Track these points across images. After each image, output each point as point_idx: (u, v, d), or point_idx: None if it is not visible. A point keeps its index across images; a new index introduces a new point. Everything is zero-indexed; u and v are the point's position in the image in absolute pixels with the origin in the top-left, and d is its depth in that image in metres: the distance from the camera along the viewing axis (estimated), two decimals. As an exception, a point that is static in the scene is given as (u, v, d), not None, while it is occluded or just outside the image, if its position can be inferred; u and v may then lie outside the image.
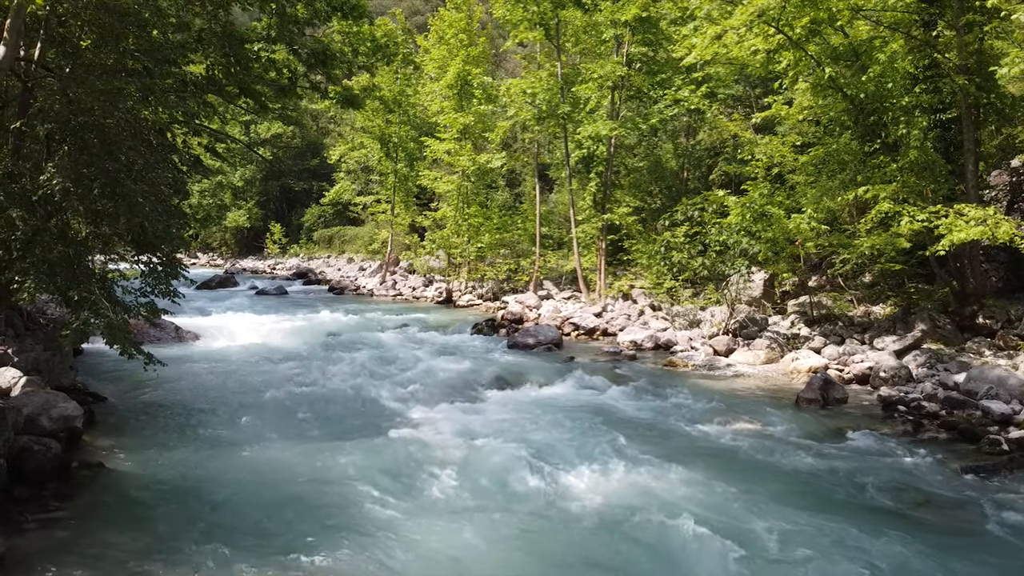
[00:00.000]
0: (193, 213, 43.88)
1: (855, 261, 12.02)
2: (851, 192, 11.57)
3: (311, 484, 6.06)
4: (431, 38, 23.08)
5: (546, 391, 9.49)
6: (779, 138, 15.46)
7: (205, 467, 6.42)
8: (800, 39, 10.53)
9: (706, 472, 6.46)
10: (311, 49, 10.28)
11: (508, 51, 27.36)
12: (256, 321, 15.16)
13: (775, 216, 11.80)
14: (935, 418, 8.37)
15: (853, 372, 10.24)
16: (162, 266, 8.42)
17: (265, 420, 7.85)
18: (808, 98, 12.32)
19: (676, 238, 14.59)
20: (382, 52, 12.16)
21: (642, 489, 6.07)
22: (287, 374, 9.85)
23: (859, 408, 9.05)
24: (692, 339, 13.00)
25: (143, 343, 12.68)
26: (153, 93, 8.65)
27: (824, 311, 13.13)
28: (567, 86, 17.67)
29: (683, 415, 8.40)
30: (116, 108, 7.03)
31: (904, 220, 9.91)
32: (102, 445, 6.92)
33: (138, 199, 7.16)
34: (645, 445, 7.23)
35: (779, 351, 11.63)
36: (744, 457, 7.08)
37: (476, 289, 21.94)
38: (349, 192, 37.72)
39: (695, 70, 16.07)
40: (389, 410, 8.39)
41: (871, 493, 6.26)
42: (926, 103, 11.78)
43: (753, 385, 10.24)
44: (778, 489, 6.19)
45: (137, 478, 6.15)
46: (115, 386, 9.14)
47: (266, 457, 6.71)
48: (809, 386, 9.12)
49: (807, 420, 8.34)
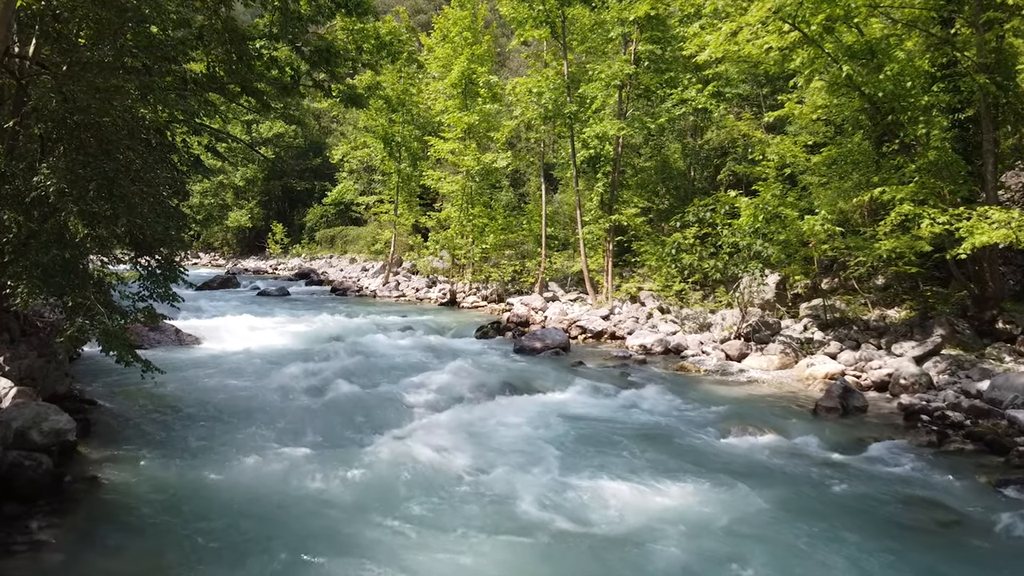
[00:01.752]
0: (195, 213, 43.69)
1: (870, 264, 11.74)
2: (866, 194, 11.30)
3: (315, 501, 5.80)
4: (435, 36, 22.81)
5: (556, 398, 9.22)
6: (791, 138, 15.18)
7: (203, 481, 6.16)
8: (816, 36, 10.25)
9: (728, 487, 6.19)
10: (314, 46, 10.01)
11: (512, 50, 27.12)
12: (257, 323, 14.92)
13: (789, 218, 11.51)
14: (960, 428, 8.09)
15: (871, 379, 9.96)
16: (161, 269, 8.17)
17: (266, 429, 7.59)
18: (823, 97, 12.04)
19: (686, 239, 14.29)
20: (386, 50, 11.89)
21: (663, 506, 5.80)
22: (288, 380, 9.59)
23: (880, 417, 8.76)
24: (703, 343, 12.72)
25: (143, 347, 12.51)
26: (152, 91, 8.41)
27: (838, 315, 12.84)
28: (574, 85, 17.39)
29: (698, 424, 8.13)
30: (113, 106, 6.76)
31: (925, 222, 9.63)
32: (98, 456, 6.66)
33: (136, 200, 6.91)
34: (662, 457, 6.96)
35: (793, 356, 11.35)
36: (765, 470, 6.80)
37: (480, 290, 21.68)
38: (352, 192, 37.47)
39: (703, 68, 15.79)
40: (394, 419, 8.12)
41: (901, 510, 5.99)
42: (943, 103, 11.50)
43: (768, 392, 9.97)
44: (805, 506, 5.92)
45: (132, 492, 5.89)
46: (113, 392, 8.89)
47: (266, 469, 6.45)
48: (828, 394, 8.84)
49: (827, 430, 8.06)
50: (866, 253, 10.94)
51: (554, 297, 19.32)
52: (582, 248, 17.94)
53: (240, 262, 40.68)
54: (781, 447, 7.51)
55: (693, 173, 21.18)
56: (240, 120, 38.95)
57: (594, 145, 17.35)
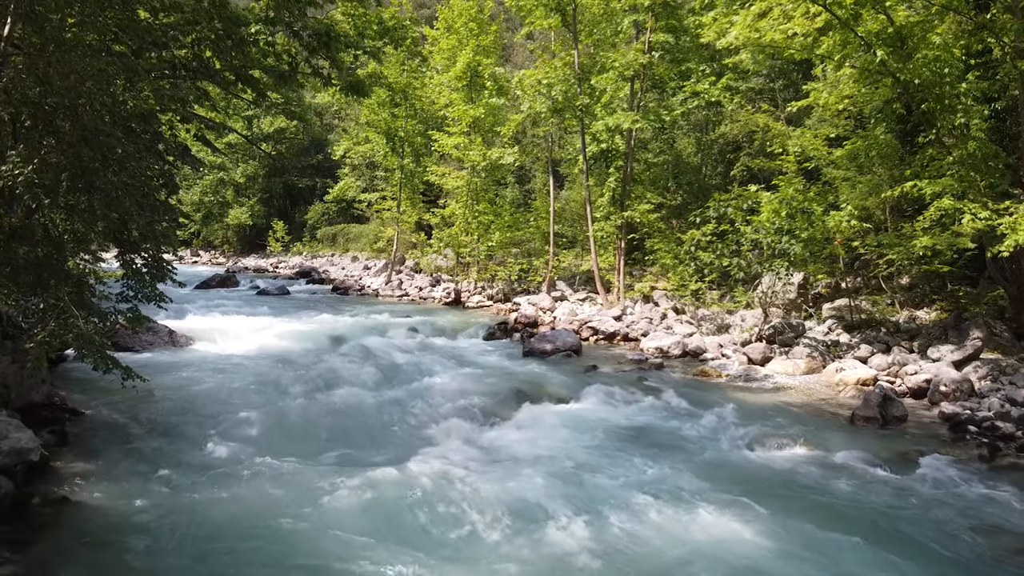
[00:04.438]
0: (195, 210, 43.12)
1: (901, 262, 11.08)
2: (897, 188, 10.64)
3: (309, 526, 5.18)
4: (439, 27, 22.14)
5: (572, 407, 8.59)
6: (811, 131, 14.52)
7: (187, 503, 5.55)
8: (848, 19, 9.60)
9: (770, 510, 5.57)
10: (312, 30, 9.40)
11: (517, 45, 26.48)
12: (255, 324, 14.30)
13: (816, 213, 10.87)
14: (1011, 440, 7.47)
15: (907, 385, 9.32)
16: (146, 268, 7.57)
17: (259, 442, 6.99)
18: (850, 86, 11.38)
19: (704, 236, 13.63)
20: (389, 35, 11.29)
21: (700, 533, 5.18)
22: (284, 387, 8.98)
23: (921, 428, 8.13)
24: (722, 346, 12.08)
25: (135, 349, 11.91)
26: (137, 74, 7.79)
27: (863, 316, 12.19)
28: (584, 76, 16.72)
29: (729, 436, 7.50)
30: (90, 88, 6.14)
31: (966, 218, 8.98)
32: (72, 472, 6.06)
33: (117, 193, 6.30)
34: (692, 475, 6.34)
35: (820, 360, 10.71)
36: (807, 490, 6.18)
37: (486, 289, 21.05)
38: (354, 189, 36.84)
39: (720, 58, 15.13)
40: (396, 432, 7.52)
41: (962, 536, 5.37)
42: (978, 91, 10.85)
43: (797, 399, 9.33)
44: (855, 531, 5.29)
45: (107, 516, 5.29)
46: (97, 398, 8.26)
47: (257, 489, 5.83)
48: (866, 402, 8.20)
49: (868, 442, 7.42)
50: (898, 252, 10.28)
51: (562, 297, 18.69)
52: (592, 246, 17.28)
53: (240, 260, 40.07)
54: (820, 462, 6.89)
55: (706, 169, 20.52)
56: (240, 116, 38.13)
57: (605, 139, 16.70)
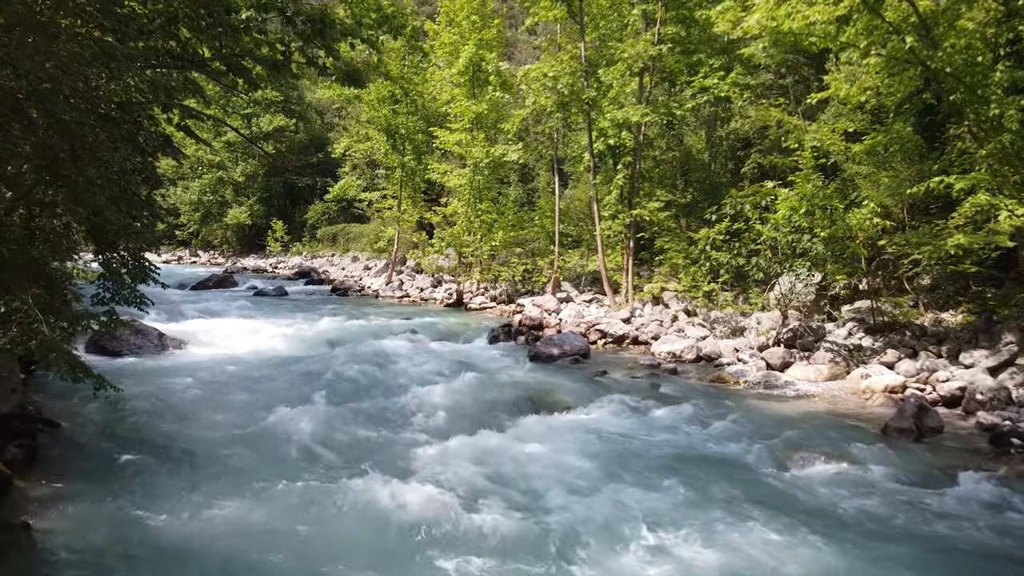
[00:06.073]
0: (193, 209, 42.57)
1: (928, 261, 10.49)
2: (923, 184, 10.06)
3: (300, 553, 4.64)
4: (441, 21, 21.58)
5: (581, 417, 8.02)
6: (829, 125, 13.95)
7: (163, 527, 5.01)
8: (873, 3, 9.03)
9: (802, 534, 5.03)
10: (307, 16, 8.83)
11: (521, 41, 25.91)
12: (250, 326, 13.76)
13: (838, 211, 10.29)
14: (1059, 454, 6.90)
15: (940, 393, 8.74)
16: (125, 267, 7.03)
17: (245, 458, 6.44)
18: (873, 76, 10.80)
19: (719, 235, 13.05)
20: (389, 23, 10.76)
21: (730, 562, 4.62)
22: (276, 395, 8.44)
23: (959, 440, 7.55)
24: (738, 350, 11.50)
25: (123, 353, 11.38)
26: (116, 61, 7.25)
27: (886, 318, 11.60)
28: (591, 69, 16.14)
29: (752, 451, 6.93)
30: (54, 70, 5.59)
31: (1003, 214, 8.41)
32: (38, 495, 5.51)
33: (87, 185, 5.75)
34: (717, 494, 5.78)
35: (844, 366, 10.13)
36: (842, 510, 5.62)
37: (489, 290, 20.48)
38: (354, 188, 36.27)
39: (732, 50, 14.56)
40: (397, 446, 6.95)
41: (1016, 564, 4.82)
42: (1009, 81, 10.27)
43: (822, 408, 8.75)
44: (897, 558, 4.76)
45: (72, 543, 4.75)
46: (75, 407, 7.71)
47: (242, 512, 5.29)
48: (900, 413, 7.62)
49: (904, 456, 6.84)
50: (928, 251, 9.70)
51: (568, 298, 18.11)
52: (599, 245, 16.70)
53: (240, 260, 39.50)
54: (855, 479, 6.33)
55: (715, 166, 19.93)
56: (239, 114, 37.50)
57: (612, 134, 16.12)
